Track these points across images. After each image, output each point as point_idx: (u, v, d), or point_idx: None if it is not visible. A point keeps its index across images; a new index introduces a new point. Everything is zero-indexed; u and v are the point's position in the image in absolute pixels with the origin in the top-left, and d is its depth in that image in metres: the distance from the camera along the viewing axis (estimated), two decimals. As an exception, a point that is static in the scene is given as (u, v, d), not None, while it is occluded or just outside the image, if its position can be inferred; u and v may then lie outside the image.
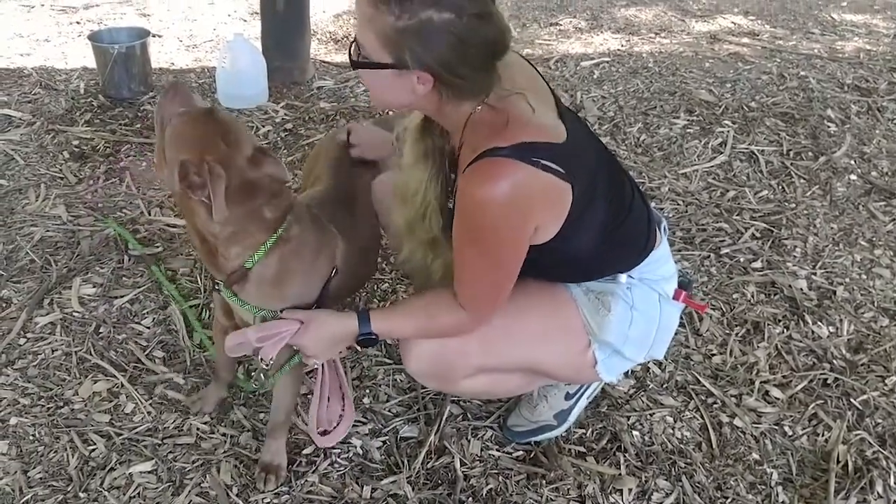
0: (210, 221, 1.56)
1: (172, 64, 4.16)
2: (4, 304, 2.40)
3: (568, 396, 1.98)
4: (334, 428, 1.82)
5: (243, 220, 1.59)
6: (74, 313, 2.37)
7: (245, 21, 4.81)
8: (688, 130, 3.55)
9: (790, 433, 2.07)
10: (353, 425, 2.02)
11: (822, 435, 2.06)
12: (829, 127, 3.60)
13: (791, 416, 2.11)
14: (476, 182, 1.40)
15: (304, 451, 1.95)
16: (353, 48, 1.41)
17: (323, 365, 1.76)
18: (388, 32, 1.32)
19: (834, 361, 2.30)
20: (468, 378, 1.73)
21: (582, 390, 2.00)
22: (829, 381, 2.23)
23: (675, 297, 1.75)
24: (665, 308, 1.74)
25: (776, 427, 2.08)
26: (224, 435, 2.00)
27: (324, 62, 4.20)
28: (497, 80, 1.41)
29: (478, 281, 1.54)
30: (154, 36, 4.20)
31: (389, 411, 2.08)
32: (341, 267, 1.79)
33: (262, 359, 1.64)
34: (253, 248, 1.62)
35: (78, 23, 4.70)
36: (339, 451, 1.96)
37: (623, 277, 1.69)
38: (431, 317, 1.61)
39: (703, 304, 2.42)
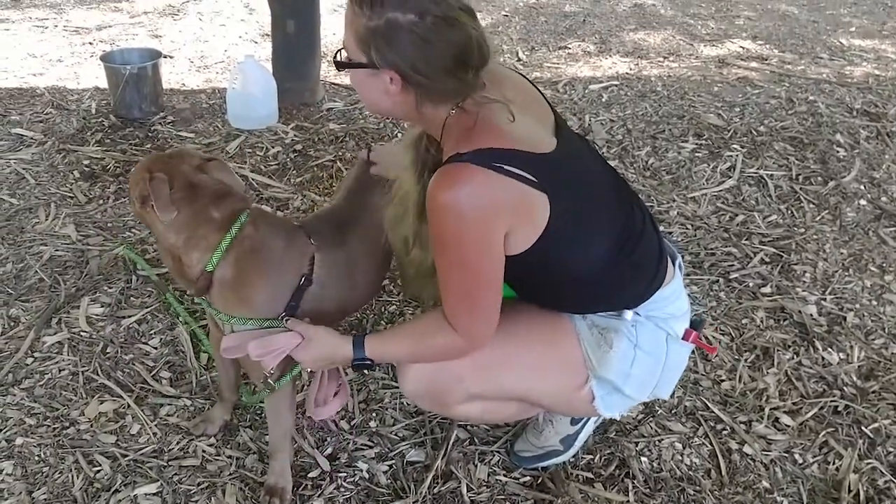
0: (167, 231, 1.67)
1: (183, 85, 4.20)
2: (13, 323, 2.40)
3: (574, 421, 1.97)
4: (327, 404, 1.82)
5: (193, 223, 1.67)
6: (82, 333, 2.38)
7: (256, 43, 4.85)
8: (696, 154, 3.55)
9: (801, 461, 2.05)
10: (359, 448, 2.01)
11: (833, 463, 2.04)
12: (838, 152, 3.59)
13: (801, 443, 2.09)
14: (435, 187, 1.41)
15: (310, 475, 1.94)
16: (339, 51, 1.47)
17: None
18: (361, 32, 1.39)
19: (844, 388, 2.28)
20: (462, 404, 1.72)
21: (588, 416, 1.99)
22: (839, 409, 2.21)
23: (685, 337, 1.70)
24: (672, 348, 1.69)
25: (786, 455, 2.06)
26: (230, 457, 1.99)
27: (333, 84, 4.23)
28: (476, 86, 1.43)
29: (454, 292, 1.51)
30: (165, 57, 4.24)
31: (396, 435, 2.07)
32: (320, 279, 1.78)
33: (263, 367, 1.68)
34: (209, 250, 1.67)
35: (90, 43, 4.75)
36: (346, 474, 1.94)
37: (629, 314, 1.65)
38: (425, 339, 1.61)
39: (713, 346, 2.38)
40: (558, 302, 1.69)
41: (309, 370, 1.89)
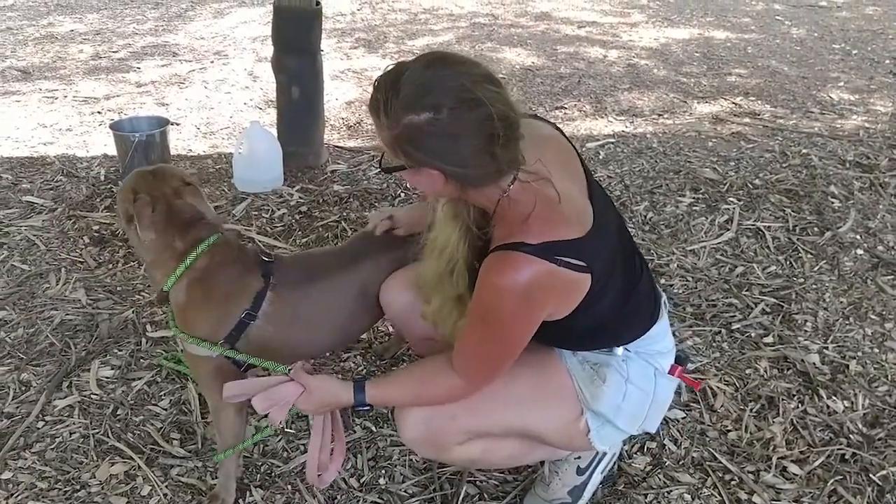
0: (141, 247, 1.89)
1: (190, 150, 4.29)
2: (24, 388, 2.43)
3: (580, 471, 1.98)
4: (329, 468, 1.88)
5: (160, 247, 1.87)
6: (92, 395, 2.40)
7: (260, 109, 4.98)
8: (694, 208, 3.62)
9: (810, 510, 2.05)
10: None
11: (843, 511, 2.04)
12: (833, 203, 3.66)
13: (810, 492, 2.10)
14: (496, 272, 1.46)
15: (321, 533, 1.94)
16: (383, 155, 1.52)
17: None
18: (388, 140, 1.42)
19: (851, 436, 2.29)
20: (461, 445, 1.74)
21: (594, 465, 1.99)
22: (846, 457, 2.22)
23: (671, 372, 1.78)
24: (660, 382, 1.77)
25: (796, 503, 2.07)
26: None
27: (337, 147, 4.32)
28: (517, 162, 1.45)
29: (477, 355, 1.59)
30: (173, 124, 4.35)
31: (405, 492, 2.08)
32: (266, 315, 1.88)
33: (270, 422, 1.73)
34: (168, 274, 1.86)
35: (99, 112, 4.87)
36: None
37: (619, 350, 1.72)
38: (426, 384, 1.66)
39: (697, 380, 2.42)
40: (554, 341, 1.73)
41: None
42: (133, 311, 2.79)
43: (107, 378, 2.48)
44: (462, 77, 1.37)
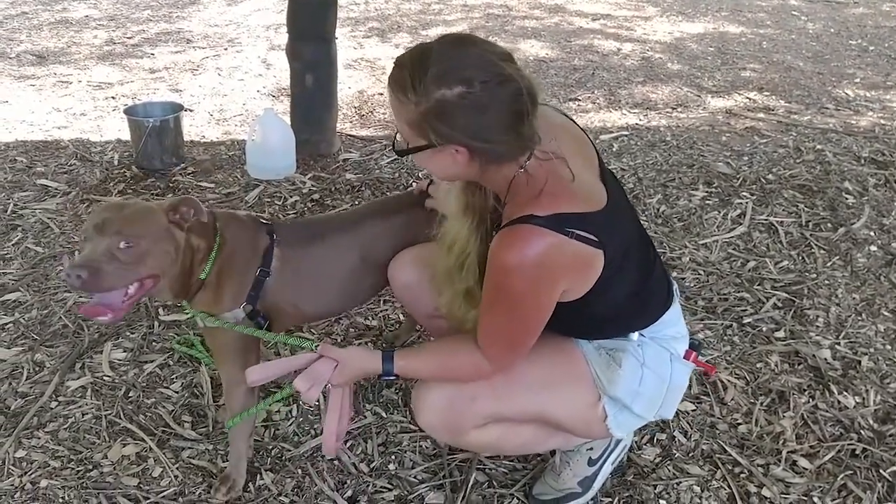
0: (187, 248, 1.81)
1: (203, 137, 4.30)
2: (38, 368, 2.45)
3: (591, 462, 1.98)
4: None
5: (201, 236, 1.85)
6: (105, 377, 2.42)
7: (273, 97, 4.98)
8: (707, 202, 3.61)
9: (819, 504, 2.05)
10: (379, 491, 2.03)
11: (853, 506, 2.04)
12: (846, 199, 3.64)
13: (820, 486, 2.09)
14: (506, 245, 1.45)
15: (330, 517, 1.96)
16: (396, 138, 1.51)
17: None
18: (414, 118, 1.41)
19: (861, 432, 2.28)
20: (478, 428, 1.74)
21: (605, 455, 2.00)
22: (857, 452, 2.21)
23: (686, 357, 1.79)
24: (676, 367, 1.77)
25: (805, 498, 2.06)
26: (249, 501, 2.00)
27: (349, 135, 4.33)
28: (535, 140, 1.45)
29: (498, 335, 1.59)
30: (186, 110, 4.36)
31: (415, 478, 2.08)
32: (276, 273, 1.92)
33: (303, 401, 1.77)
34: (206, 260, 1.86)
35: (112, 98, 4.89)
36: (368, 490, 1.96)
37: (634, 335, 1.73)
38: (452, 360, 1.67)
39: (712, 365, 2.43)
40: (571, 330, 1.73)
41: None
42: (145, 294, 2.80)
43: (119, 360, 2.49)
44: (489, 54, 1.39)
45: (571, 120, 1.71)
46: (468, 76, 1.36)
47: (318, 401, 1.84)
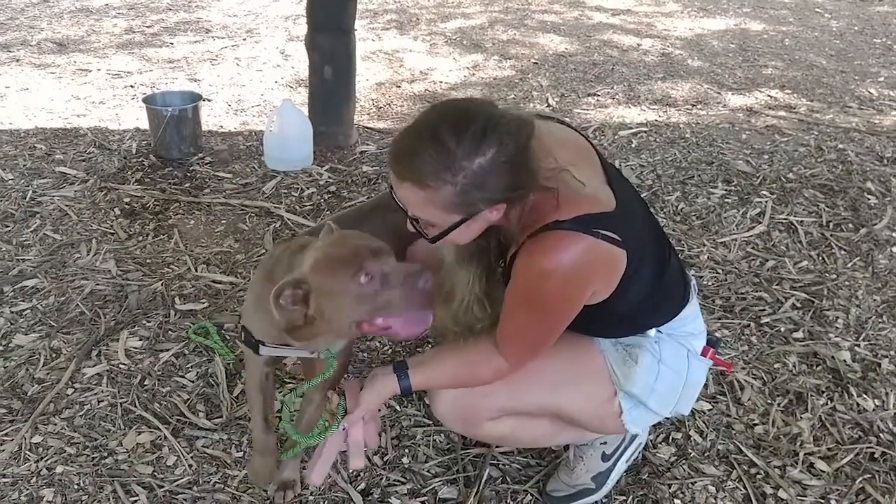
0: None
1: (221, 127, 4.31)
2: (54, 355, 2.46)
3: (605, 457, 1.97)
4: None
5: None
6: (121, 365, 2.42)
7: (291, 88, 4.98)
8: (726, 200, 3.57)
9: (837, 507, 2.02)
10: (392, 484, 2.02)
11: (871, 510, 2.01)
12: (868, 199, 3.59)
13: (837, 489, 2.07)
14: (540, 253, 1.45)
15: (343, 509, 1.95)
16: (420, 227, 1.46)
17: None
18: (452, 199, 1.38)
19: (881, 435, 2.25)
20: (493, 421, 1.75)
21: (619, 452, 1.99)
22: (876, 456, 2.18)
23: (703, 354, 1.78)
24: (693, 364, 1.76)
25: (822, 500, 2.04)
26: (265, 490, 2.00)
27: (367, 128, 4.32)
28: (541, 161, 1.44)
29: (523, 338, 1.59)
30: (204, 100, 4.37)
31: (428, 472, 2.08)
32: None
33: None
34: None
35: (131, 87, 4.90)
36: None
37: (652, 332, 1.72)
38: (473, 369, 1.65)
39: (730, 362, 2.41)
40: (588, 329, 1.72)
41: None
42: (162, 284, 2.81)
43: (135, 348, 2.50)
44: (486, 106, 1.40)
45: (571, 127, 1.70)
46: (499, 137, 1.35)
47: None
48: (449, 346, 1.73)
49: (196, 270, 2.91)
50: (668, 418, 2.22)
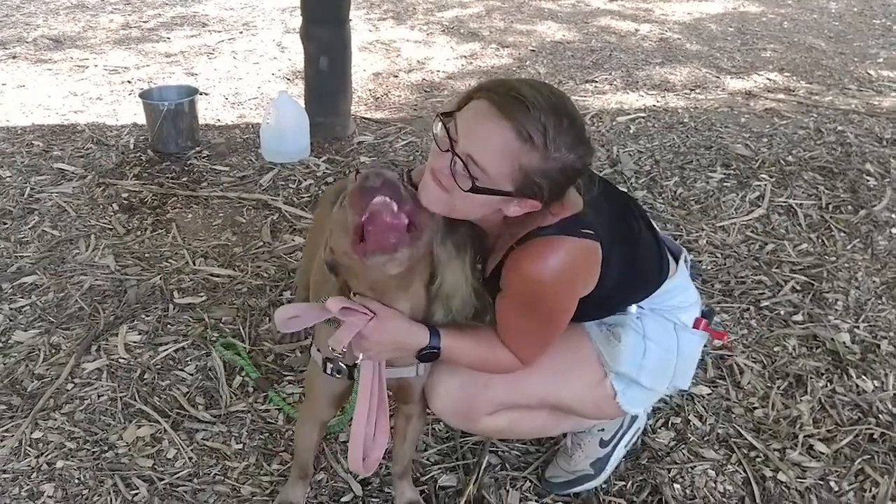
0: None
1: (218, 120, 4.30)
2: (54, 350, 2.46)
3: (603, 443, 1.97)
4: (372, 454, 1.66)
5: None
6: (120, 360, 2.43)
7: (288, 80, 4.97)
8: (725, 184, 3.56)
9: (836, 488, 2.02)
10: (391, 473, 2.02)
11: (870, 491, 2.01)
12: (868, 181, 3.58)
13: (837, 471, 2.07)
14: (531, 258, 1.47)
15: (343, 500, 1.96)
16: (467, 169, 1.36)
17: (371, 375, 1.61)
18: (530, 168, 1.35)
19: (880, 416, 2.25)
20: (490, 415, 1.74)
21: (618, 437, 1.99)
22: (875, 437, 2.18)
23: (696, 326, 1.77)
24: (683, 337, 1.76)
25: (821, 482, 2.04)
26: (264, 482, 2.01)
27: (364, 118, 4.31)
28: None
29: (531, 339, 1.61)
30: (201, 94, 4.36)
31: (428, 460, 2.08)
32: None
33: (332, 349, 1.53)
34: None
35: (129, 82, 4.90)
36: (378, 499, 1.96)
37: (633, 308, 1.73)
38: (494, 350, 1.61)
39: (723, 331, 2.40)
40: (574, 318, 1.70)
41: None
42: (161, 278, 2.81)
43: (134, 343, 2.50)
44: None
45: None
46: (585, 148, 1.40)
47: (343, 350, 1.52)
48: (476, 328, 1.63)
49: (194, 264, 2.91)
50: (667, 402, 2.24)
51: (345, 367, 1.62)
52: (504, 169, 1.36)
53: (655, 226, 1.80)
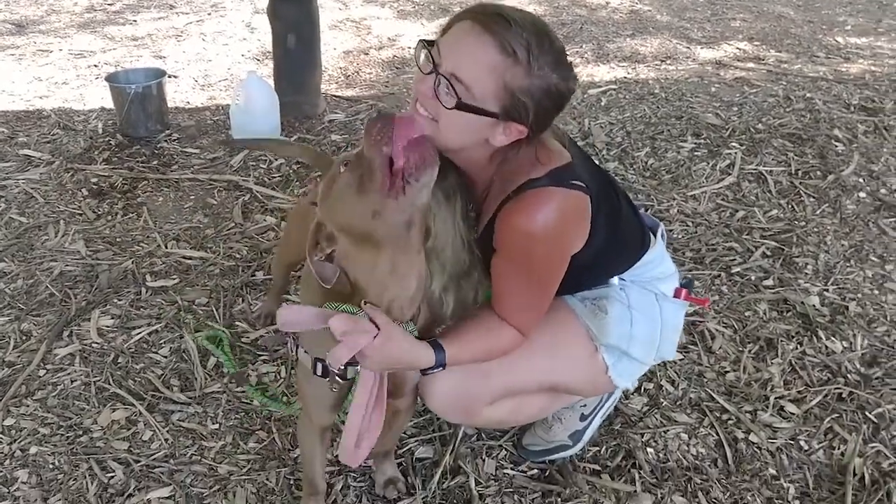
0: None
1: (188, 103, 4.25)
2: (25, 337, 2.44)
3: (583, 417, 1.99)
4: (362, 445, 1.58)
5: None
6: (93, 344, 2.41)
7: (258, 61, 4.92)
8: (695, 153, 3.58)
9: (806, 447, 2.06)
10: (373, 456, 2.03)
11: (838, 448, 2.05)
12: (836, 146, 3.61)
13: (807, 430, 2.11)
14: (524, 213, 1.44)
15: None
16: (452, 87, 1.34)
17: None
18: (514, 84, 1.34)
19: (848, 376, 2.29)
20: (490, 406, 1.71)
21: (596, 410, 2.01)
22: (843, 396, 2.22)
23: (676, 295, 1.78)
24: (666, 306, 1.77)
25: (792, 442, 2.08)
26: (241, 461, 2.01)
27: (334, 96, 4.28)
28: None
29: (527, 302, 1.56)
30: (170, 76, 4.30)
31: (405, 433, 2.09)
32: None
33: (329, 364, 1.44)
34: None
35: (95, 66, 4.82)
36: (356, 473, 1.97)
37: (615, 280, 1.73)
38: (494, 339, 1.58)
39: (704, 298, 2.42)
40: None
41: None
42: (133, 262, 2.79)
43: (107, 327, 2.49)
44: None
45: None
46: (565, 73, 1.39)
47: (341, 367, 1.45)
48: (468, 321, 1.59)
49: (166, 247, 2.89)
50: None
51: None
52: (489, 86, 1.35)
53: (630, 200, 1.79)
